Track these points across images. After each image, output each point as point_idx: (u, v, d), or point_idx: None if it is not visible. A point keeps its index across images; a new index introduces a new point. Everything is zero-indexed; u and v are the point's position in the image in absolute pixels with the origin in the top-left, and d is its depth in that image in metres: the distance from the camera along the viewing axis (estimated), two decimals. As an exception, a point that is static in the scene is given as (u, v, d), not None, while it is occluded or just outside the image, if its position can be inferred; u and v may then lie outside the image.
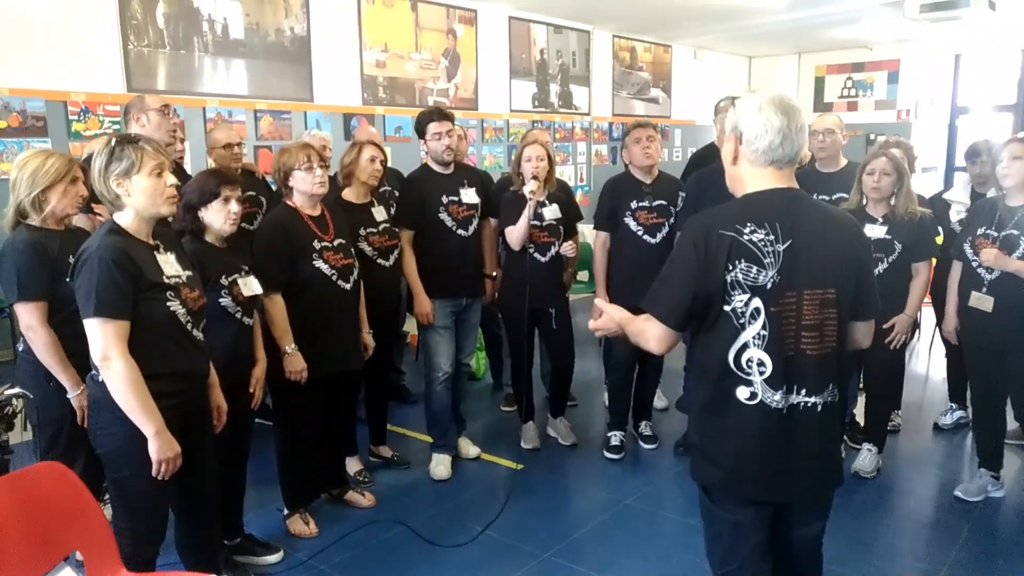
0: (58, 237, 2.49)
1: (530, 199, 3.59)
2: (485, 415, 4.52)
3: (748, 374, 1.74)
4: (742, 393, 1.75)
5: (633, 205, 3.71)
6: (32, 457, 2.46)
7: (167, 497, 2.25)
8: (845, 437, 3.83)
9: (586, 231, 5.08)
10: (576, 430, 4.10)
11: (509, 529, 3.16)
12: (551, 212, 3.74)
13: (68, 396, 2.47)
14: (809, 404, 1.76)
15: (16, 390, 2.18)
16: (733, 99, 3.18)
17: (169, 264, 2.20)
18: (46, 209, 2.48)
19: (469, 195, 3.65)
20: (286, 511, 3.17)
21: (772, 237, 1.70)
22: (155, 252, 2.18)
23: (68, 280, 2.11)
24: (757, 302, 1.71)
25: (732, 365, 1.75)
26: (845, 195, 3.54)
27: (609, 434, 3.95)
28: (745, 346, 1.73)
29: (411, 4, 7.85)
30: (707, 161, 3.95)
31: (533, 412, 4.06)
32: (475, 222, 3.68)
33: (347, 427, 3.49)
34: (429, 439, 3.80)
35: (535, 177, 3.64)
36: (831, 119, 3.80)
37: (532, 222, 3.63)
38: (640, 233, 3.71)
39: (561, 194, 3.89)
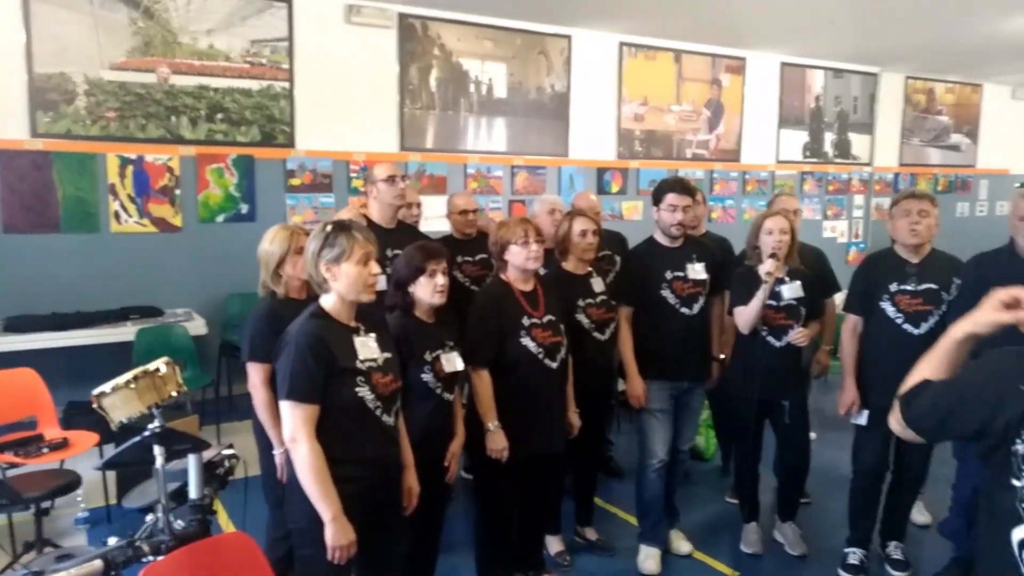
0: (293, 306, 2.70)
1: (766, 280, 3.24)
2: (706, 504, 4.14)
3: None
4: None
5: (892, 288, 3.19)
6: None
7: (346, 578, 2.30)
8: None
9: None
10: (808, 538, 3.59)
11: (708, 651, 2.83)
12: (791, 291, 3.34)
13: (274, 452, 2.67)
14: None
15: (231, 451, 2.39)
16: None
17: (366, 347, 2.24)
18: (282, 281, 2.75)
19: (696, 270, 3.39)
20: (478, 585, 3.14)
21: None
22: (354, 335, 2.25)
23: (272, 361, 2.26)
24: None
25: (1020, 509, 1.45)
26: None
27: (847, 550, 3.41)
28: None
29: (674, 56, 7.71)
30: None
31: (758, 512, 3.64)
32: (701, 300, 3.40)
33: (550, 506, 3.39)
34: (637, 523, 3.56)
35: (774, 255, 3.28)
36: None
37: (768, 302, 3.28)
38: (899, 321, 3.18)
39: (805, 270, 3.48)
